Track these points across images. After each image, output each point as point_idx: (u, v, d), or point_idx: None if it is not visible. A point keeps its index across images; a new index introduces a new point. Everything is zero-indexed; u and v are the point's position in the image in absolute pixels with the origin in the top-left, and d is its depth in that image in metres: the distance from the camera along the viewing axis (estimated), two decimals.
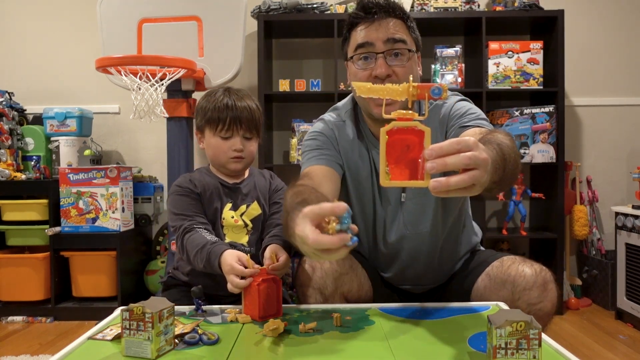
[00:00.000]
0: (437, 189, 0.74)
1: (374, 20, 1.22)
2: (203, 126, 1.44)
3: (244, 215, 1.44)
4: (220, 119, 1.39)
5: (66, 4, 3.14)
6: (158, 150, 3.10)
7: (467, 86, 2.82)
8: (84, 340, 0.98)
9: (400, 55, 1.22)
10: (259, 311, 1.08)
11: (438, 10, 2.72)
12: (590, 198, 2.96)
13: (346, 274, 1.25)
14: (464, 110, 1.26)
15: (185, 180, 1.44)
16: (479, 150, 0.75)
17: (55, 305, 2.65)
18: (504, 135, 1.01)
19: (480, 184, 0.76)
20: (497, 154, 0.87)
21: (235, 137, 1.41)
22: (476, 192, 0.78)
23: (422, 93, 0.80)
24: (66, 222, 2.60)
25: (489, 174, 0.78)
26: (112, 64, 2.24)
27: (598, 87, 3.04)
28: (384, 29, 1.22)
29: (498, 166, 0.86)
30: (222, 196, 1.44)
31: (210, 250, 1.23)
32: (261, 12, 2.74)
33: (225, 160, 1.42)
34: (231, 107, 1.39)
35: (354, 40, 1.25)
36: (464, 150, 0.74)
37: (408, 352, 0.91)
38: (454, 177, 0.73)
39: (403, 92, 0.81)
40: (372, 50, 1.22)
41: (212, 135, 1.42)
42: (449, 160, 0.73)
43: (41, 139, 2.91)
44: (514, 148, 0.97)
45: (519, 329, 0.80)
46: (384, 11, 1.22)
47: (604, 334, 2.38)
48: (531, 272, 1.16)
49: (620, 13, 3.02)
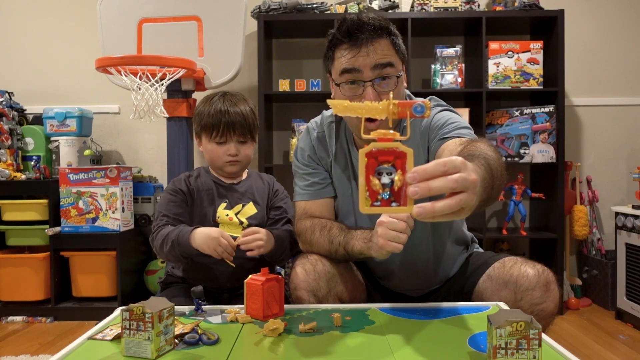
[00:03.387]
0: (421, 215, 0.68)
1: (360, 44, 1.16)
2: (200, 132, 1.49)
3: (239, 214, 1.48)
4: (214, 125, 1.44)
5: (66, 4, 3.13)
6: (158, 150, 3.10)
7: (467, 86, 2.81)
8: (84, 340, 0.98)
9: (388, 79, 1.19)
10: (263, 310, 1.09)
11: (438, 10, 2.72)
12: (590, 198, 2.96)
13: (340, 275, 1.25)
14: (443, 121, 1.23)
15: (179, 181, 1.51)
16: (467, 172, 0.69)
17: (55, 305, 2.65)
18: (487, 146, 0.96)
19: (468, 207, 0.70)
20: (485, 170, 0.81)
21: (230, 143, 1.45)
22: (465, 215, 0.73)
23: (404, 111, 0.75)
24: (66, 222, 2.60)
25: (477, 195, 0.72)
26: (112, 64, 2.24)
27: (598, 87, 3.04)
28: (371, 55, 1.16)
29: (487, 184, 0.81)
30: (217, 195, 1.49)
31: (179, 230, 1.36)
32: (261, 12, 2.74)
33: (221, 164, 1.48)
34: (224, 112, 1.43)
35: (339, 63, 1.20)
36: (450, 172, 0.67)
37: (408, 352, 0.91)
38: (440, 202, 0.68)
39: (383, 110, 0.76)
40: (360, 78, 1.18)
41: (208, 141, 1.47)
42: (434, 184, 0.67)
43: (41, 139, 2.91)
44: (499, 160, 0.92)
45: (519, 329, 0.80)
46: (369, 32, 1.16)
47: (604, 334, 2.38)
48: (534, 273, 1.15)
49: (620, 13, 3.02)
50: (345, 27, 1.18)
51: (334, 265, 1.26)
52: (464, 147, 0.99)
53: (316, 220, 1.31)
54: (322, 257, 1.26)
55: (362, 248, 1.17)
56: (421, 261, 1.34)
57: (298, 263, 1.26)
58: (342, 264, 1.28)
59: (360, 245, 1.18)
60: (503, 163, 0.94)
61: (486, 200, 0.84)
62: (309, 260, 1.25)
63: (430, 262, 1.35)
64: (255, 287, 1.09)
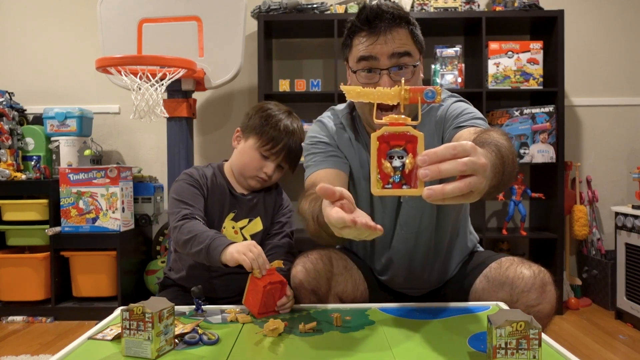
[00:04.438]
0: (431, 197, 0.70)
1: (378, 32, 1.17)
2: (251, 132, 1.41)
3: (244, 229, 1.43)
4: (274, 138, 1.38)
5: (66, 3, 3.13)
6: (158, 150, 3.10)
7: (467, 86, 2.81)
8: (84, 340, 0.99)
9: (405, 69, 1.19)
10: (258, 308, 1.09)
11: (438, 10, 2.72)
12: (590, 198, 2.96)
13: (340, 275, 1.25)
14: (459, 111, 1.24)
15: (197, 173, 1.41)
16: (477, 155, 0.70)
17: (55, 305, 2.65)
18: (500, 135, 0.97)
19: (478, 190, 0.72)
20: (495, 156, 0.83)
21: (272, 162, 1.40)
22: (474, 198, 0.74)
23: (415, 96, 0.78)
24: (66, 222, 2.60)
25: (487, 179, 0.74)
26: (112, 64, 2.24)
27: (598, 87, 3.04)
28: (389, 43, 1.16)
29: (497, 170, 0.82)
30: (227, 204, 1.42)
31: (214, 239, 1.20)
32: (261, 12, 2.74)
33: (250, 174, 1.41)
34: (291, 133, 1.39)
35: (357, 51, 1.20)
36: (460, 156, 0.69)
37: (408, 352, 0.91)
38: (450, 184, 0.69)
39: (395, 95, 0.78)
40: (377, 66, 1.18)
41: (254, 147, 1.40)
42: (444, 166, 0.69)
43: (41, 139, 2.91)
44: (511, 148, 0.94)
45: (518, 329, 0.80)
46: (387, 21, 1.17)
47: (603, 334, 2.38)
48: (529, 274, 1.14)
49: (620, 13, 3.02)
50: (364, 15, 1.18)
51: (335, 264, 1.26)
52: (478, 135, 0.99)
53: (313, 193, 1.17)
54: (323, 255, 1.26)
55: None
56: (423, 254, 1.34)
57: (299, 262, 1.26)
58: (342, 263, 1.27)
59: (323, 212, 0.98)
60: (514, 150, 0.96)
61: (497, 186, 0.85)
62: (310, 259, 1.25)
63: (432, 257, 1.35)
64: (257, 286, 1.10)
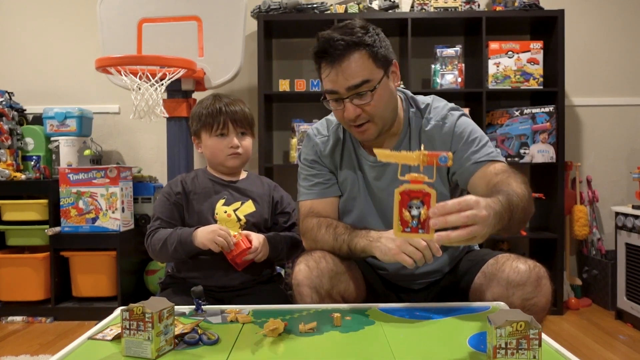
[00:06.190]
0: (440, 241, 0.95)
1: (333, 61, 1.22)
2: (199, 130, 1.52)
3: (237, 210, 1.50)
4: (214, 119, 1.48)
5: (66, 4, 3.13)
6: (158, 150, 3.10)
7: (467, 86, 2.81)
8: (84, 340, 0.99)
9: (364, 95, 1.23)
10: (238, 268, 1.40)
11: (438, 10, 2.72)
12: (590, 198, 2.96)
13: (342, 274, 1.27)
14: (466, 134, 1.31)
15: (175, 183, 1.54)
16: (479, 209, 0.93)
17: (55, 305, 2.65)
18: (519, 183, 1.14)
19: (480, 236, 0.94)
20: (502, 206, 1.01)
21: (231, 135, 1.49)
22: (478, 242, 0.97)
23: (432, 160, 0.95)
24: (66, 222, 2.60)
25: (489, 227, 0.96)
26: (112, 64, 2.24)
27: (598, 87, 3.04)
28: (345, 74, 1.21)
29: (501, 217, 1.00)
30: (215, 192, 1.51)
31: (181, 232, 1.41)
32: (261, 12, 2.74)
33: (223, 157, 1.50)
34: (222, 107, 1.49)
35: (324, 82, 1.28)
36: (464, 209, 0.92)
37: (408, 352, 0.91)
38: (455, 232, 0.93)
39: (416, 159, 0.96)
40: (340, 97, 1.26)
41: (209, 136, 1.50)
42: (450, 218, 0.91)
43: (41, 139, 2.91)
44: (524, 195, 1.10)
45: (519, 329, 0.80)
46: (341, 49, 1.21)
47: (603, 334, 2.38)
48: (525, 268, 1.17)
49: (620, 13, 3.02)
50: (319, 46, 1.25)
51: (337, 263, 1.27)
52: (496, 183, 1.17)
53: (322, 219, 1.36)
54: (326, 254, 1.28)
55: (365, 245, 1.22)
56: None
57: (302, 260, 1.28)
58: (345, 262, 1.29)
59: (365, 243, 1.22)
60: (529, 197, 1.15)
61: (506, 229, 1.04)
62: (313, 258, 1.27)
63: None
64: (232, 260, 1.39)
